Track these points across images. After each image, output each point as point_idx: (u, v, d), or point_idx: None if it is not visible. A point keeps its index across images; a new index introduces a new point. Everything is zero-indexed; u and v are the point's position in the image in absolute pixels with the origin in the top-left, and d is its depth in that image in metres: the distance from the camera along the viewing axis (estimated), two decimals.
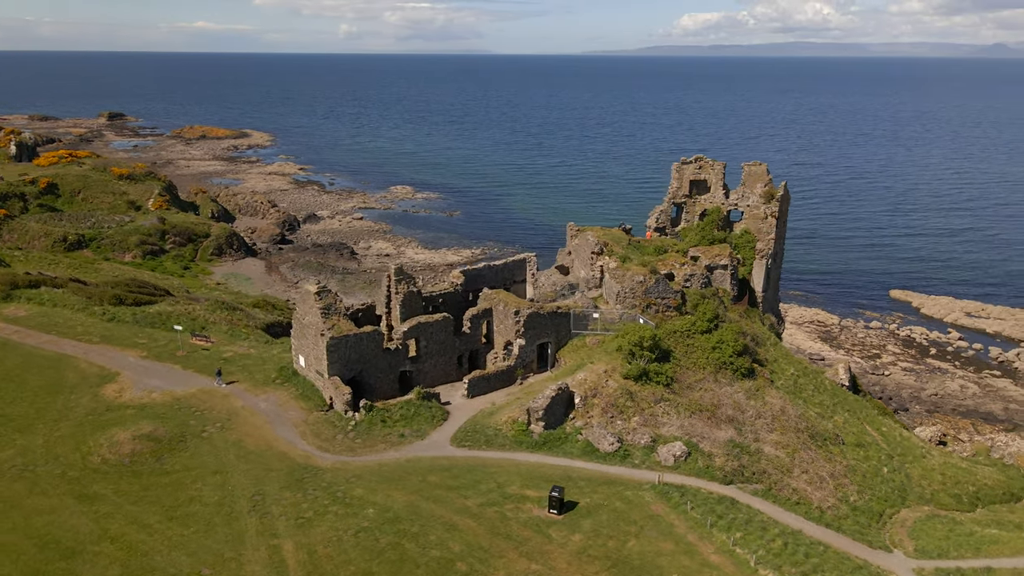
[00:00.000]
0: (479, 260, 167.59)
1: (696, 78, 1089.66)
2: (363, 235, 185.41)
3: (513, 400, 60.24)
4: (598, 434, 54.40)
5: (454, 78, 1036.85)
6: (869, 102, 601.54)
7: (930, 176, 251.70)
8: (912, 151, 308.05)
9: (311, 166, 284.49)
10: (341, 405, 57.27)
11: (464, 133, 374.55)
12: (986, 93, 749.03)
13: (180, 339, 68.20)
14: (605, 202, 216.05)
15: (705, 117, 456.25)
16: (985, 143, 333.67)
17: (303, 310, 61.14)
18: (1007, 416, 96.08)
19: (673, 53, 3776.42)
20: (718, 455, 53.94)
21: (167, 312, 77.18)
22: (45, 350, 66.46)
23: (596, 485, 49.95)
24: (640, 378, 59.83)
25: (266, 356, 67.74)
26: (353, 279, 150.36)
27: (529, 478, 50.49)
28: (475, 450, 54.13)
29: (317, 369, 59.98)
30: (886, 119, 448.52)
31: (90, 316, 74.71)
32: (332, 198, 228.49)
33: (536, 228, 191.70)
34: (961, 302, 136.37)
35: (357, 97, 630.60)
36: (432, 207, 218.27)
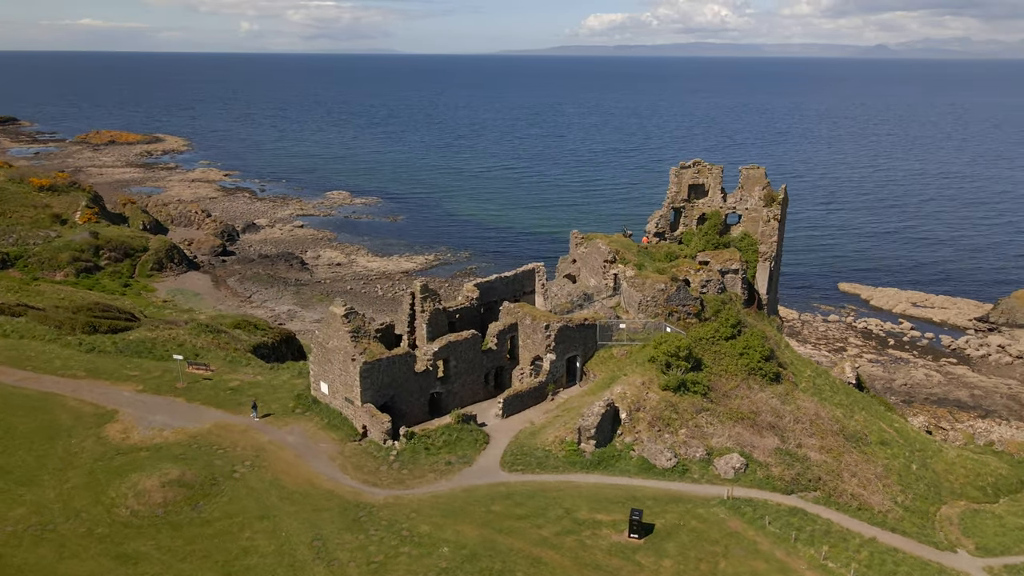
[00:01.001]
0: (433, 265, 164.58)
1: (608, 77, 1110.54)
2: (308, 244, 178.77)
3: (553, 418, 58.32)
4: (654, 450, 53.19)
5: (369, 78, 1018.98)
6: (778, 101, 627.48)
7: (852, 173, 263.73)
8: (832, 148, 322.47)
9: (237, 172, 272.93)
10: (380, 434, 53.91)
11: (392, 136, 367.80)
12: (879, 92, 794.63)
13: (179, 369, 62.85)
14: (551, 206, 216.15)
15: (628, 117, 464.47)
16: (893, 140, 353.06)
17: (326, 333, 57.29)
18: (975, 403, 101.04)
19: (581, 53, 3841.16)
20: (772, 464, 53.71)
21: (149, 339, 71.20)
22: (26, 389, 59.90)
23: (664, 504, 48.71)
24: (679, 389, 59.04)
25: (276, 383, 63.29)
26: (309, 291, 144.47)
27: (594, 501, 48.76)
28: (528, 474, 51.96)
29: (346, 396, 56.31)
30: (797, 118, 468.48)
31: (66, 347, 68.02)
32: (267, 206, 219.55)
33: (486, 232, 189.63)
34: (906, 293, 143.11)
35: (271, 99, 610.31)
36: (374, 212, 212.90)
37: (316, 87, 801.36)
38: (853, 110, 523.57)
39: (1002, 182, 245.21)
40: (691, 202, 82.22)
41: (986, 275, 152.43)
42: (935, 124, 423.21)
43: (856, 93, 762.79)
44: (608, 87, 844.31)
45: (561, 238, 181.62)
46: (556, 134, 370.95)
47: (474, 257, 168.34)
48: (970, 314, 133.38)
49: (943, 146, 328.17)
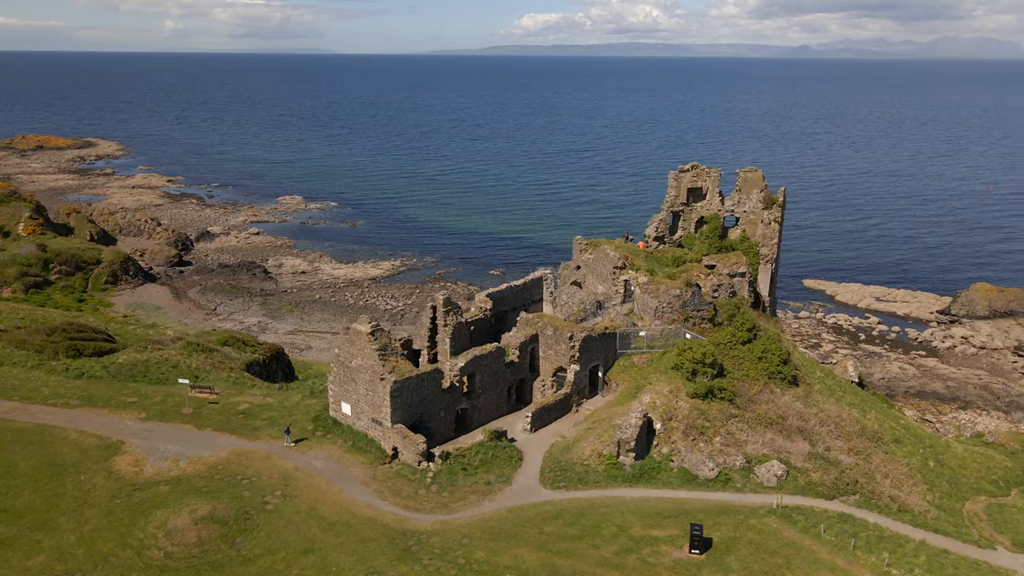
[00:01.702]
0: (401, 270, 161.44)
1: (547, 76, 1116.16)
2: (268, 252, 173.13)
3: (584, 431, 57.20)
4: (695, 460, 52.63)
5: (304, 78, 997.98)
6: (716, 100, 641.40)
7: (801, 172, 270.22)
8: (778, 148, 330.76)
9: (180, 177, 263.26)
10: (414, 456, 51.77)
11: (339, 138, 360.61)
12: (810, 91, 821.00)
13: (184, 394, 59.18)
14: (512, 209, 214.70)
15: (574, 117, 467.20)
16: (832, 139, 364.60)
17: (349, 352, 54.77)
18: (951, 394, 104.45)
19: (516, 52, 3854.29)
20: (811, 470, 53.81)
21: (141, 361, 67.01)
22: (17, 421, 55.41)
23: (714, 516, 48.12)
24: (706, 396, 58.71)
25: (288, 405, 60.27)
26: (276, 301, 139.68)
27: (645, 516, 47.85)
28: (571, 491, 50.71)
29: (373, 417, 53.94)
30: (738, 117, 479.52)
31: (52, 374, 63.37)
32: (217, 212, 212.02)
33: (450, 237, 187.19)
34: (869, 288, 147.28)
35: (205, 100, 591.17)
36: (331, 218, 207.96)
37: (251, 88, 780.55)
38: (790, 109, 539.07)
39: (944, 179, 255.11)
40: (689, 205, 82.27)
41: (942, 269, 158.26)
42: (869, 123, 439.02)
43: (789, 92, 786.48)
44: (550, 87, 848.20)
45: (528, 242, 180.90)
46: (506, 135, 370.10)
47: (442, 262, 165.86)
48: (931, 307, 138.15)
49: (881, 145, 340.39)
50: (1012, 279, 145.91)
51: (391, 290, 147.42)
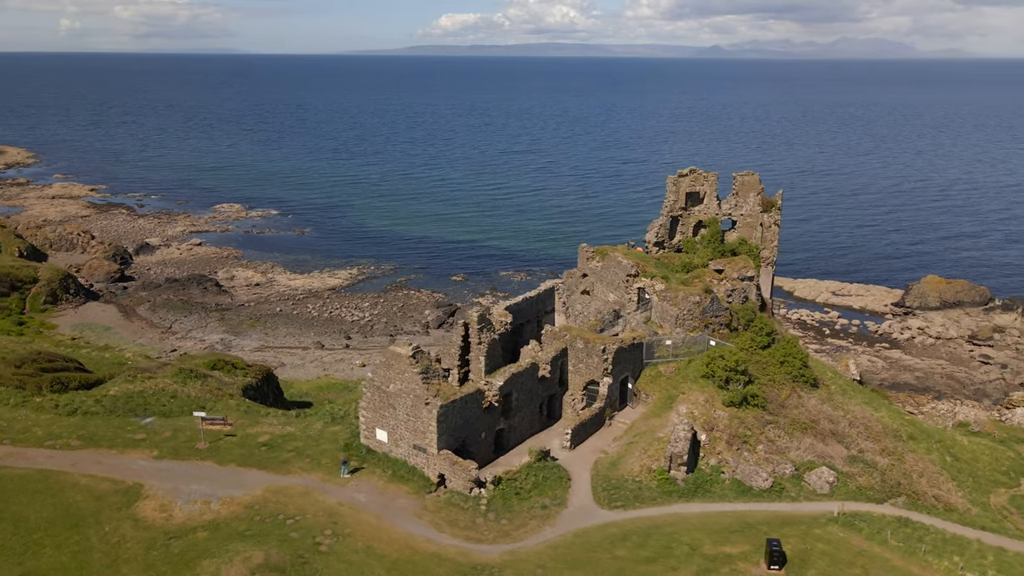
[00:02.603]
0: (360, 279, 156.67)
1: (469, 76, 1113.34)
2: (215, 264, 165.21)
3: (626, 445, 56.02)
4: (748, 471, 52.18)
5: (219, 80, 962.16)
6: (642, 100, 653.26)
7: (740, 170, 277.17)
8: (714, 147, 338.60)
9: (104, 186, 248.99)
10: (465, 483, 49.40)
11: (270, 142, 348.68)
12: (727, 90, 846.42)
13: (199, 428, 54.83)
14: (464, 214, 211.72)
15: (507, 118, 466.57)
16: (761, 138, 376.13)
17: (386, 375, 51.86)
18: (922, 385, 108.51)
19: (435, 53, 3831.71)
20: (856, 474, 54.23)
21: (135, 393, 61.94)
22: (15, 468, 50.06)
23: (778, 528, 47.74)
24: (741, 404, 58.53)
25: (312, 434, 56.72)
26: (235, 316, 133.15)
27: (711, 532, 47.02)
28: (630, 510, 49.44)
29: (415, 444, 51.23)
30: (667, 116, 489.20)
31: (39, 412, 57.73)
32: (152, 223, 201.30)
33: (404, 243, 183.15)
34: (825, 283, 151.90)
35: (116, 103, 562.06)
36: (276, 226, 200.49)
37: (163, 89, 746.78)
38: (715, 109, 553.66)
39: (873, 176, 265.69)
40: (687, 210, 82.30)
41: (890, 263, 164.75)
42: (793, 122, 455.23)
43: (710, 91, 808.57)
44: (478, 87, 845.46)
45: (485, 247, 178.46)
46: (442, 137, 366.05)
47: (400, 270, 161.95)
48: (885, 300, 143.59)
49: (806, 143, 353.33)
50: (957, 271, 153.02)
51: (353, 300, 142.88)
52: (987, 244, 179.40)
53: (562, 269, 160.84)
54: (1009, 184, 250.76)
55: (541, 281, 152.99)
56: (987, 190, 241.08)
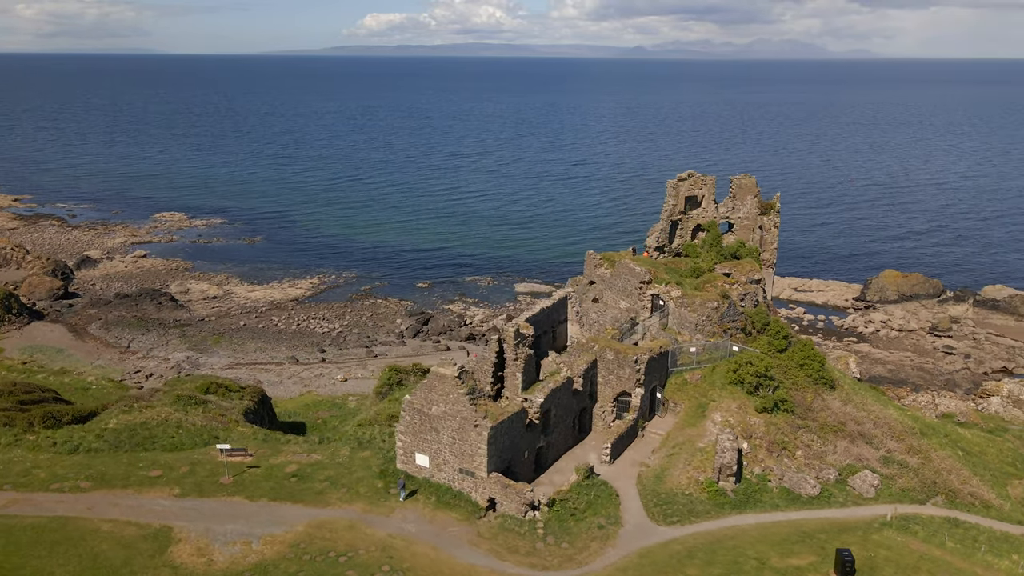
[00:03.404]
0: (322, 289, 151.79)
1: (399, 77, 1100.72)
2: (165, 277, 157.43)
3: (666, 457, 55.12)
4: (796, 478, 52.01)
5: (138, 81, 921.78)
6: (578, 100, 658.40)
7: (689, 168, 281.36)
8: (659, 146, 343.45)
9: (28, 196, 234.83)
10: (517, 506, 47.53)
11: (205, 147, 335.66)
12: (656, 90, 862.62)
13: (225, 461, 51.17)
14: (421, 218, 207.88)
15: (447, 120, 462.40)
16: (698, 136, 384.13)
17: (428, 398, 49.45)
18: (896, 377, 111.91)
19: (361, 53, 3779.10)
20: (895, 475, 54.77)
21: (136, 424, 57.52)
22: (24, 517, 45.53)
23: (835, 535, 47.65)
24: (773, 410, 58.50)
25: (341, 461, 53.72)
26: (197, 332, 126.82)
27: (774, 544, 46.54)
28: (687, 525, 48.54)
29: (461, 468, 49.04)
30: (607, 117, 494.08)
31: (36, 451, 52.85)
32: (88, 235, 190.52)
33: (363, 250, 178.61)
34: (786, 279, 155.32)
35: (31, 107, 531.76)
36: (224, 235, 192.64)
37: (78, 92, 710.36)
38: (652, 109, 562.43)
39: (818, 174, 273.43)
40: (686, 213, 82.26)
41: (847, 259, 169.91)
42: (726, 120, 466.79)
43: (642, 91, 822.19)
44: (412, 88, 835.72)
45: (446, 252, 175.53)
46: (384, 140, 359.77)
47: (362, 278, 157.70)
48: (845, 295, 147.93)
49: (746, 142, 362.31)
50: (908, 265, 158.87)
51: (320, 311, 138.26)
52: (935, 239, 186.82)
53: (528, 274, 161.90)
54: (945, 181, 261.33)
55: (510, 287, 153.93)
56: (926, 186, 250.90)
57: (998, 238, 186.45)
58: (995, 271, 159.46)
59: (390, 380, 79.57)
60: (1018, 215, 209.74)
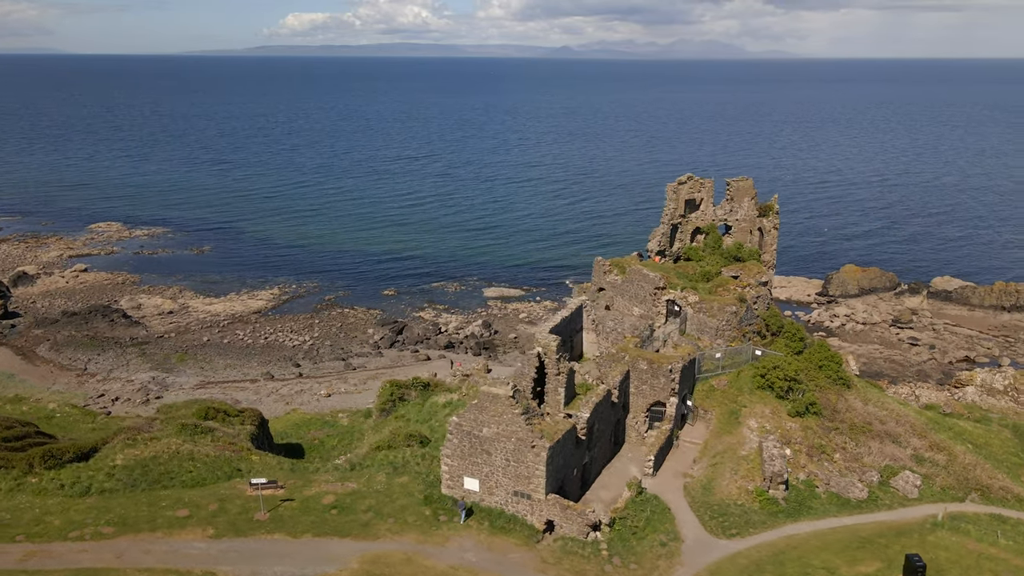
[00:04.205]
0: (284, 300, 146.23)
1: (326, 78, 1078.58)
2: (112, 292, 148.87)
3: (710, 467, 54.42)
4: (843, 483, 52.06)
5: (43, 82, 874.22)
6: (512, 99, 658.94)
7: (636, 167, 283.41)
8: (600, 145, 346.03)
9: None
10: (579, 528, 45.91)
11: (134, 152, 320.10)
12: (588, 90, 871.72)
13: (259, 494, 47.68)
14: (376, 224, 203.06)
15: (385, 121, 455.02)
16: (646, 136, 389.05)
17: (479, 419, 47.28)
18: (871, 370, 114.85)
19: (283, 53, 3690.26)
20: (930, 474, 55.49)
21: (147, 459, 53.20)
22: (48, 570, 41.24)
23: (893, 539, 47.83)
24: (804, 413, 58.62)
25: (379, 488, 50.89)
26: (157, 350, 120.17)
27: (837, 552, 46.32)
28: (747, 537, 47.89)
29: (516, 490, 47.09)
30: (546, 116, 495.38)
31: (43, 495, 48.15)
32: (19, 248, 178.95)
33: (320, 258, 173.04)
34: None
35: None
36: (169, 245, 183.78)
37: None
38: (588, 108, 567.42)
39: (765, 171, 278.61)
40: (685, 217, 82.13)
41: (803, 255, 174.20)
42: (662, 119, 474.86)
43: (575, 91, 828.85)
44: (341, 89, 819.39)
45: (410, 259, 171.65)
46: (326, 143, 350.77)
47: (325, 287, 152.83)
48: (807, 290, 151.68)
49: (687, 140, 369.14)
50: (864, 260, 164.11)
51: (286, 323, 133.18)
52: (884, 234, 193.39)
53: (495, 278, 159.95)
54: (885, 177, 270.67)
55: (479, 292, 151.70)
56: (868, 183, 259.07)
57: (942, 231, 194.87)
58: (942, 263, 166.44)
59: (392, 396, 76.58)
60: (957, 209, 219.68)
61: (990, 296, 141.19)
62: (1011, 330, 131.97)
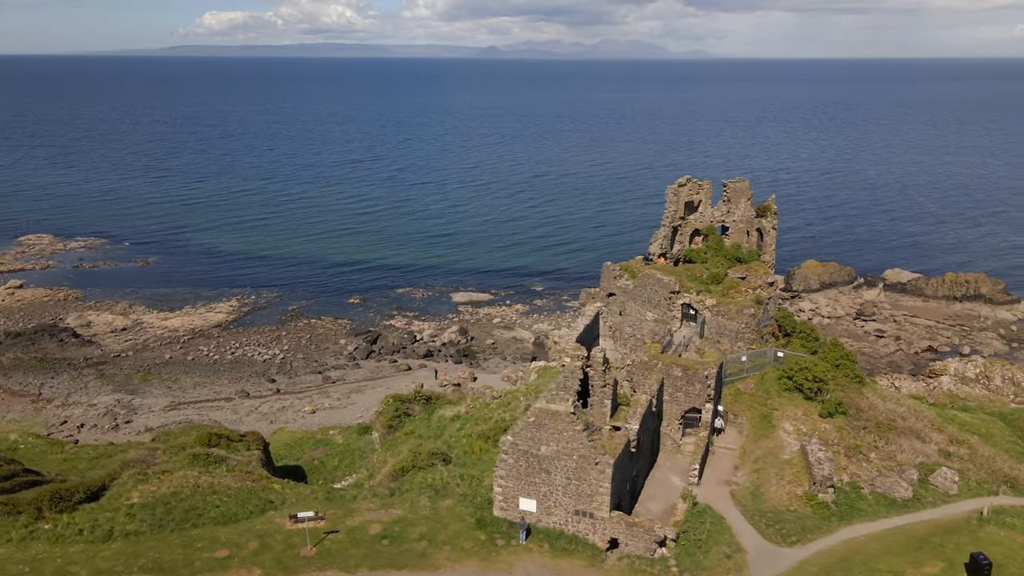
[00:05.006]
0: (245, 312, 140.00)
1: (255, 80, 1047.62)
2: (55, 309, 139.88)
3: (753, 473, 53.91)
4: (888, 483, 52.29)
5: None
6: (446, 101, 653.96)
7: (589, 168, 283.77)
8: (547, 146, 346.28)
9: None
10: (645, 545, 44.55)
11: (58, 159, 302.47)
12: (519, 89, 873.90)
13: (307, 528, 44.45)
14: (332, 230, 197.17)
15: (324, 123, 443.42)
16: (588, 135, 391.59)
17: (536, 437, 45.33)
18: None
19: (202, 53, 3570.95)
20: (962, 469, 56.40)
21: (167, 495, 49.10)
22: None
23: (946, 537, 48.19)
24: (834, 414, 58.88)
25: (425, 514, 48.26)
26: (116, 371, 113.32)
27: (898, 554, 46.32)
28: (807, 544, 47.42)
29: (578, 509, 45.38)
30: (482, 117, 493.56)
31: (61, 543, 43.63)
32: None
33: (276, 266, 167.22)
34: None
35: None
36: (110, 258, 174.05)
37: None
38: (526, 108, 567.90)
39: (715, 171, 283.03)
40: (684, 219, 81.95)
41: None
42: (601, 119, 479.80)
43: (507, 91, 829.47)
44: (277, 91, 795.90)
45: (371, 266, 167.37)
46: (264, 147, 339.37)
47: (287, 298, 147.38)
48: None
49: (629, 139, 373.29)
50: (819, 254, 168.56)
51: (251, 337, 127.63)
52: (835, 228, 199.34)
53: (461, 283, 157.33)
54: (826, 172, 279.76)
55: (447, 297, 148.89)
56: (813, 180, 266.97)
57: (887, 225, 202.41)
58: (892, 256, 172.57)
59: (397, 411, 73.72)
60: (898, 204, 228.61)
61: (942, 287, 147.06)
62: (965, 319, 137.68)
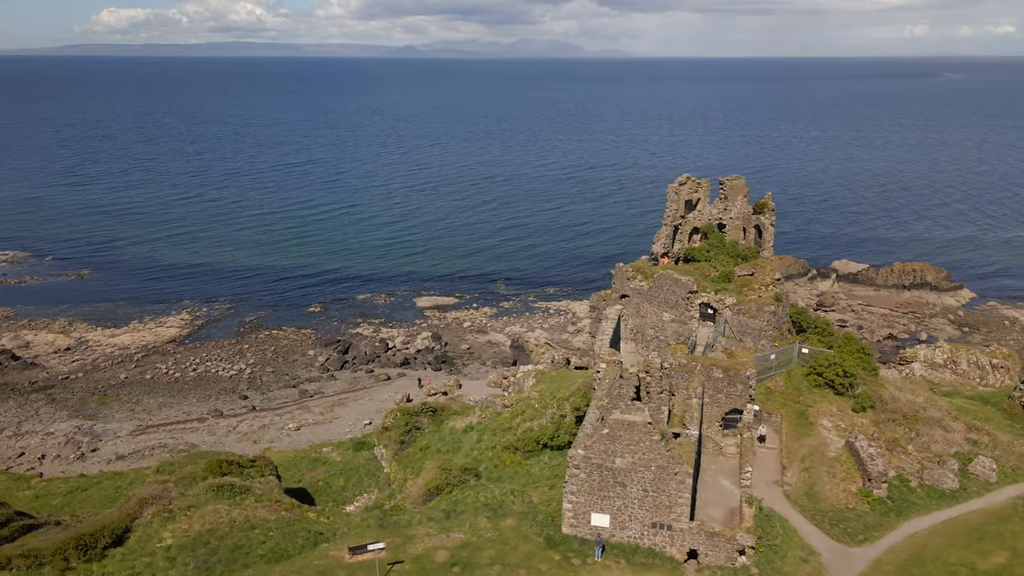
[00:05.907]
0: (199, 325, 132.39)
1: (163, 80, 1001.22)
2: None
3: (802, 472, 53.59)
4: (935, 475, 52.85)
5: None
6: (375, 101, 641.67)
7: (535, 169, 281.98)
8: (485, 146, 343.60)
9: None
10: (726, 555, 43.41)
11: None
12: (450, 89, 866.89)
13: (376, 559, 41.21)
14: (285, 238, 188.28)
15: (249, 125, 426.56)
16: (521, 135, 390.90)
17: (610, 449, 43.47)
18: None
19: (99, 52, 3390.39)
20: (995, 456, 57.69)
21: (203, 533, 44.75)
22: None
23: (1000, 525, 49.04)
24: (865, 408, 59.39)
25: (489, 536, 45.68)
26: (68, 395, 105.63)
27: (964, 547, 46.74)
28: (876, 542, 47.38)
29: (654, 521, 43.83)
30: (416, 117, 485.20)
31: None
32: None
33: (224, 276, 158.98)
34: None
35: None
36: (39, 272, 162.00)
37: None
38: (455, 108, 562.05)
39: (662, 170, 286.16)
40: (684, 217, 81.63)
41: None
42: (533, 118, 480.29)
43: (430, 90, 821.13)
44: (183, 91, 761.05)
45: (326, 272, 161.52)
46: (191, 151, 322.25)
47: (242, 309, 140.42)
48: None
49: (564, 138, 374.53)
50: (777, 248, 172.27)
51: (212, 352, 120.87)
52: (786, 222, 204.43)
53: (423, 287, 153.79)
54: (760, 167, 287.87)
55: (410, 302, 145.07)
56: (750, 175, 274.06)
57: (829, 217, 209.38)
58: (837, 247, 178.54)
59: (407, 426, 70.50)
60: (836, 194, 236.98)
61: (891, 276, 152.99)
62: (915, 306, 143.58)
